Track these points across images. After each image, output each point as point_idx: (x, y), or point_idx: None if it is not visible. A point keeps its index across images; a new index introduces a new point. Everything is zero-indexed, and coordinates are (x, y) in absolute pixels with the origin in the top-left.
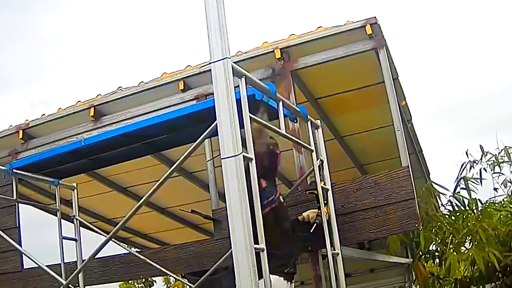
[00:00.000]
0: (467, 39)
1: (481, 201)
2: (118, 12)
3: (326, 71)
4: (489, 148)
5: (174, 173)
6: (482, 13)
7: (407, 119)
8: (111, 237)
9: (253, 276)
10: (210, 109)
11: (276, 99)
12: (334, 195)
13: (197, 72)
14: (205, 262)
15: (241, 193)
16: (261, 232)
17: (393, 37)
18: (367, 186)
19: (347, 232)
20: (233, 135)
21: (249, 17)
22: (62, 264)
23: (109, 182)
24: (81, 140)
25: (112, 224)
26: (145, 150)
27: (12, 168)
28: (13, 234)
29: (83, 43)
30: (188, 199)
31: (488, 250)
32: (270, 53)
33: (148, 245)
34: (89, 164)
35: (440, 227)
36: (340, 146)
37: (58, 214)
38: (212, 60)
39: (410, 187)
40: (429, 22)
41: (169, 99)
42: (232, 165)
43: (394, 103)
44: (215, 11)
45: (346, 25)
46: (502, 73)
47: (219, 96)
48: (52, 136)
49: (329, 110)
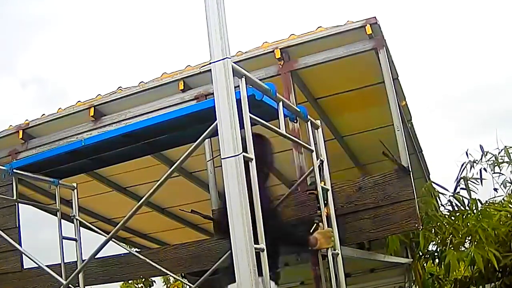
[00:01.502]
0: (467, 38)
1: (481, 201)
2: (118, 12)
3: (326, 71)
4: (490, 145)
5: (174, 173)
6: (480, 8)
7: (407, 119)
8: (111, 237)
9: (253, 276)
10: (210, 109)
11: (276, 99)
12: (334, 195)
13: (197, 72)
14: (205, 262)
15: (241, 193)
16: (261, 232)
17: (393, 37)
18: (367, 186)
19: (347, 232)
20: (233, 135)
21: (249, 17)
22: (62, 264)
23: (109, 182)
24: (81, 140)
25: (112, 224)
26: (145, 150)
27: (12, 168)
28: (13, 234)
29: (83, 43)
30: (188, 199)
31: (487, 250)
32: (270, 53)
33: (148, 245)
34: (89, 164)
35: (440, 227)
36: (340, 146)
37: (58, 214)
38: (212, 60)
39: (410, 187)
40: (429, 21)
41: (169, 99)
42: (232, 165)
43: (394, 103)
44: (215, 11)
45: (346, 25)
46: (502, 67)
47: (219, 96)
48: (52, 136)
49: (329, 110)
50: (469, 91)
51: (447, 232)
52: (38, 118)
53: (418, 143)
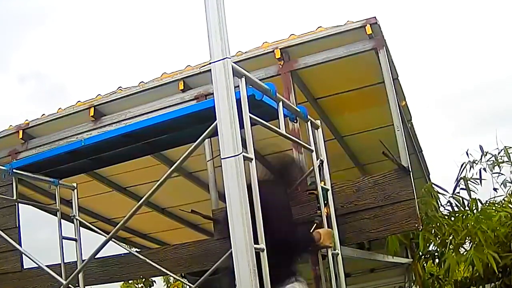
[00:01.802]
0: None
1: (481, 201)
2: (118, 12)
3: (326, 71)
4: (490, 144)
5: (174, 173)
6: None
7: (407, 119)
8: (111, 237)
9: (253, 276)
10: (210, 109)
11: (276, 99)
12: (334, 195)
13: (197, 72)
14: (205, 262)
15: (241, 193)
16: (261, 232)
17: (393, 37)
18: (367, 186)
19: (347, 232)
20: (233, 135)
21: (249, 17)
22: (62, 264)
23: (109, 182)
24: (81, 140)
25: (112, 224)
26: (145, 150)
27: (12, 168)
28: (13, 234)
29: (83, 43)
30: (188, 199)
31: (486, 252)
32: (270, 53)
33: (148, 245)
34: (89, 164)
35: (440, 228)
36: (340, 146)
37: (58, 214)
38: (212, 60)
39: (410, 187)
40: (429, 21)
41: (169, 99)
42: (232, 165)
43: (394, 103)
44: (215, 11)
45: (346, 25)
46: (501, 64)
47: (219, 96)
48: (52, 136)
49: (329, 110)
50: (469, 90)
51: (446, 233)
52: (38, 118)
53: (418, 143)
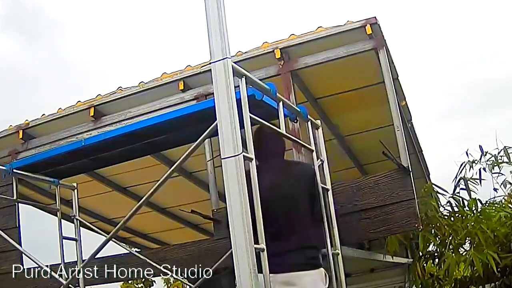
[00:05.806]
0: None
1: (481, 201)
2: (118, 12)
3: (326, 71)
4: (490, 144)
5: (174, 173)
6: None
7: (407, 119)
8: (111, 237)
9: (253, 276)
10: (210, 109)
11: (276, 99)
12: (334, 195)
13: (197, 72)
14: (205, 262)
15: (241, 193)
16: (261, 232)
17: (393, 37)
18: (367, 186)
19: (347, 232)
20: (233, 135)
21: (249, 17)
22: (62, 264)
23: (109, 182)
24: (81, 140)
25: (112, 224)
26: (145, 150)
27: (12, 168)
28: (13, 234)
29: (83, 43)
30: (188, 199)
31: (486, 253)
32: (270, 53)
33: (148, 245)
34: (89, 164)
35: (439, 228)
36: (340, 146)
37: (58, 214)
38: (212, 60)
39: (410, 187)
40: (429, 21)
41: (169, 99)
42: (232, 165)
43: (394, 103)
44: (215, 11)
45: (346, 25)
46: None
47: (219, 96)
48: (52, 136)
49: (329, 110)
50: (469, 89)
51: (446, 233)
52: (38, 118)
53: (418, 143)
